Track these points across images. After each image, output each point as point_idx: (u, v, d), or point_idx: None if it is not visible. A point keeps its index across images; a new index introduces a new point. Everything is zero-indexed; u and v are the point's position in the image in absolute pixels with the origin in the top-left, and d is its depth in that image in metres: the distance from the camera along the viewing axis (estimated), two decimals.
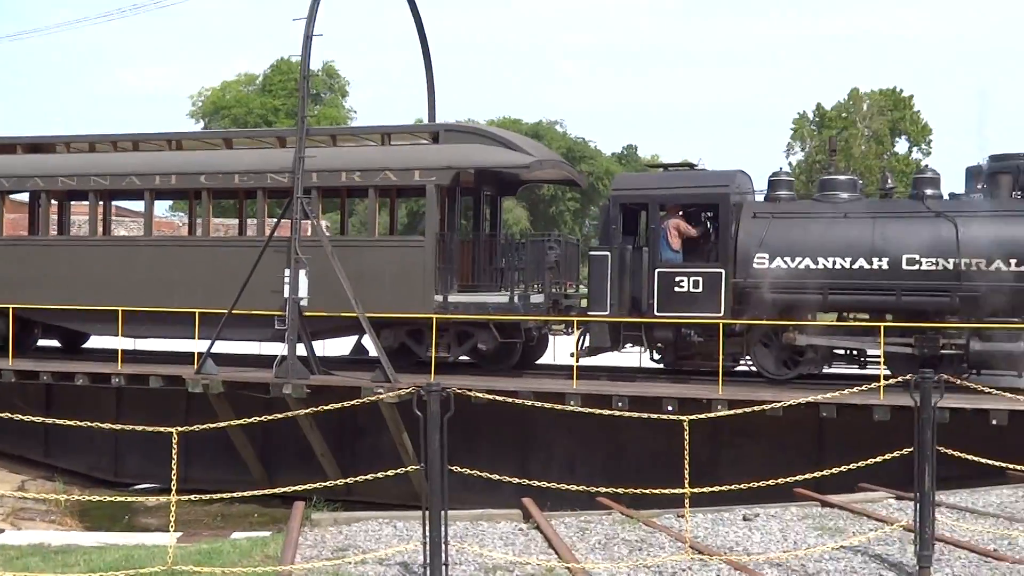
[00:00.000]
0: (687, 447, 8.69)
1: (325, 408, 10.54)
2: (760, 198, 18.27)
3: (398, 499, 16.12)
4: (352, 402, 11.36)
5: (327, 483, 14.38)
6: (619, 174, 31.62)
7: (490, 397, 10.00)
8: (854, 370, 17.90)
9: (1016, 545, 8.97)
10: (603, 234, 18.42)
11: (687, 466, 8.76)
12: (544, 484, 9.32)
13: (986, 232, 16.31)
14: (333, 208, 36.28)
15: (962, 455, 9.38)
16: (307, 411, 12.49)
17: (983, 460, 9.63)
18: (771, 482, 9.51)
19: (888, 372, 16.43)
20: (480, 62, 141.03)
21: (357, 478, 9.93)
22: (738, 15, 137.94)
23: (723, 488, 9.07)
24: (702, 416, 9.72)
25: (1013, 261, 16.13)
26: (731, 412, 10.72)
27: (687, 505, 8.88)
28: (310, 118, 20.48)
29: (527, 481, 9.81)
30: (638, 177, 22.82)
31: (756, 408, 12.04)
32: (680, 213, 17.92)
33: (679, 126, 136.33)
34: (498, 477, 9.14)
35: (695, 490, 8.73)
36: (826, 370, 17.81)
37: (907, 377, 8.53)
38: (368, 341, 18.89)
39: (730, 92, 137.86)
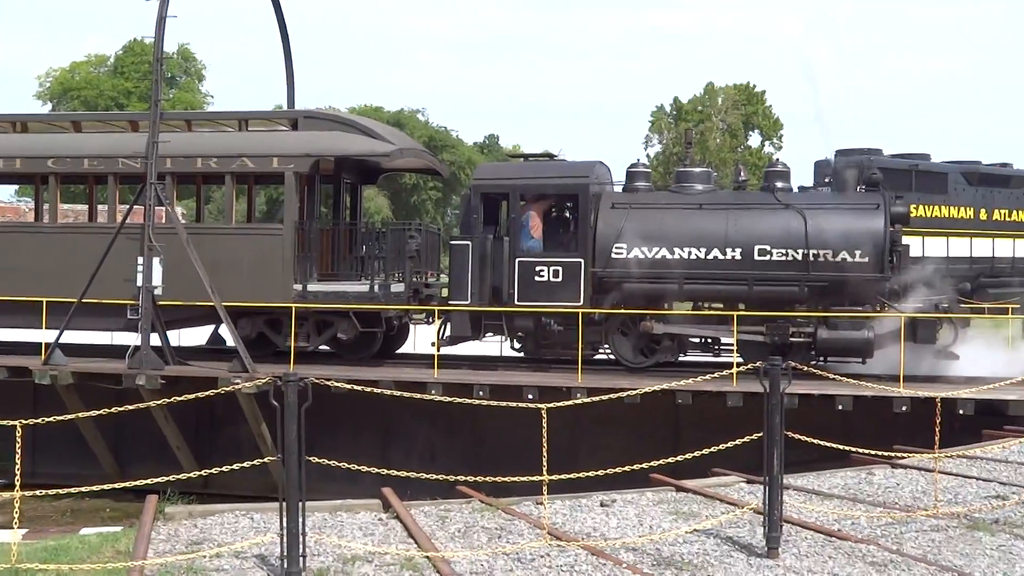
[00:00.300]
0: (545, 435, 8.77)
1: (180, 399, 10.29)
2: (619, 189, 18.57)
3: (257, 491, 15.87)
4: (208, 393, 11.11)
5: (182, 476, 14.02)
6: (480, 164, 31.70)
7: (350, 387, 9.90)
8: (709, 358, 18.35)
9: (859, 525, 9.34)
10: (464, 224, 18.44)
11: (545, 454, 8.85)
12: (405, 474, 9.29)
13: (832, 224, 16.90)
14: (189, 195, 35.43)
15: (809, 439, 9.69)
16: (161, 402, 12.16)
17: (829, 444, 9.96)
18: (628, 468, 9.67)
19: (741, 360, 16.92)
20: (341, 48, 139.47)
21: (213, 470, 9.73)
22: (598, 7, 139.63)
23: (581, 475, 9.19)
24: (561, 404, 9.79)
25: (858, 252, 16.73)
26: (589, 400, 10.87)
27: (545, 492, 8.97)
28: (164, 102, 19.96)
29: (388, 471, 9.75)
30: (499, 167, 22.92)
31: (614, 396, 12.26)
32: (540, 204, 18.06)
33: (541, 117, 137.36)
34: (358, 467, 9.07)
35: (553, 477, 8.83)
36: (682, 358, 18.21)
37: (757, 365, 8.79)
38: (225, 331, 18.53)
39: (591, 84, 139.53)
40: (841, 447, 10.59)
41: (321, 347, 19.10)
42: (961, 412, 15.20)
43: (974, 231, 29.50)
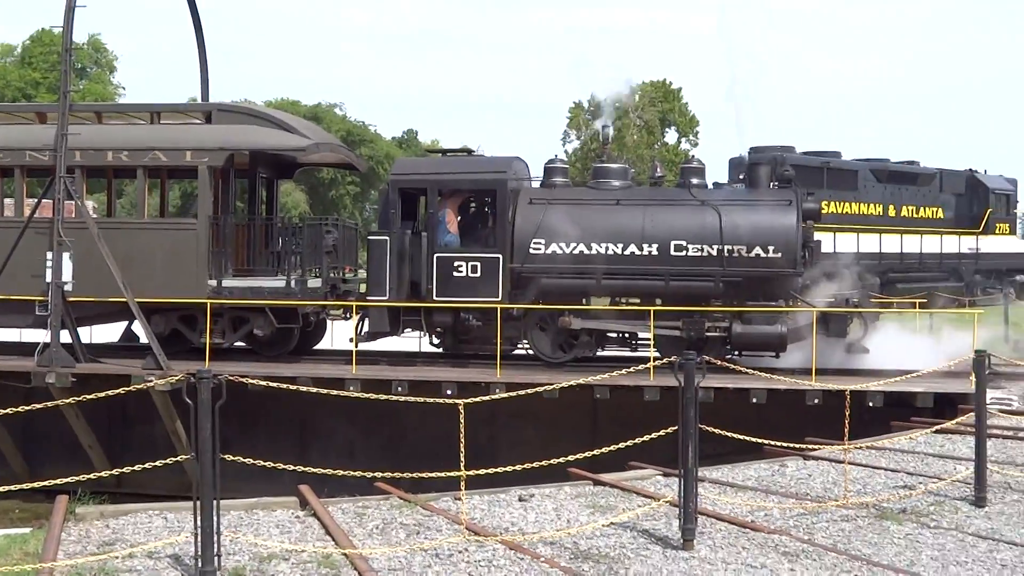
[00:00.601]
0: (463, 430, 8.77)
1: (92, 397, 10.08)
2: (537, 185, 18.63)
3: (172, 490, 15.57)
4: (121, 390, 10.91)
5: (94, 475, 13.75)
6: (398, 159, 31.56)
7: (266, 384, 9.79)
8: (627, 353, 18.52)
9: (772, 516, 9.50)
10: (382, 219, 18.35)
11: (463, 449, 8.85)
12: (323, 471, 9.21)
13: (746, 220, 17.15)
14: (100, 189, 34.73)
15: (724, 432, 9.83)
16: (72, 400, 11.90)
17: (743, 437, 10.11)
18: (546, 463, 9.71)
19: (658, 354, 17.08)
20: (258, 41, 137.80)
21: (126, 469, 9.55)
22: (518, 3, 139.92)
23: (499, 470, 9.21)
24: (478, 400, 9.79)
25: (771, 248, 17.00)
26: (507, 395, 10.89)
27: (463, 488, 8.97)
28: (74, 93, 19.54)
29: (305, 468, 9.67)
30: (417, 162, 22.87)
31: (532, 391, 12.29)
32: (456, 199, 18.04)
33: (459, 112, 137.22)
34: (274, 465, 8.97)
35: (471, 473, 8.83)
36: (600, 353, 18.33)
37: (672, 359, 8.89)
38: (138, 327, 18.22)
39: (510, 80, 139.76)
40: (755, 440, 10.75)
41: (237, 343, 18.86)
42: (871, 404, 15.52)
43: (883, 227, 30.25)
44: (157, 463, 8.59)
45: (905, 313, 20.56)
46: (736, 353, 17.43)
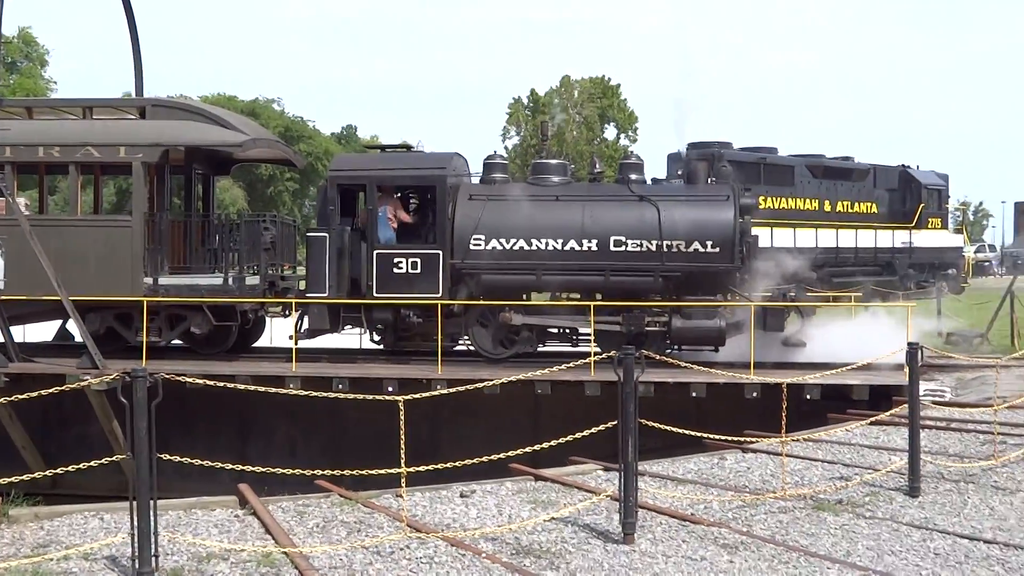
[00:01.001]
0: (403, 427, 8.74)
1: (25, 397, 9.89)
2: (476, 181, 18.61)
3: (110, 490, 15.32)
4: (56, 390, 10.72)
5: (28, 476, 13.52)
6: (337, 155, 31.42)
7: (204, 382, 9.68)
8: (568, 348, 18.56)
9: (711, 508, 9.58)
10: (321, 215, 18.21)
11: (403, 446, 8.82)
12: (262, 469, 9.12)
13: (684, 216, 17.27)
14: (31, 185, 34.11)
15: (664, 426, 9.89)
16: (5, 400, 11.68)
17: (683, 431, 10.18)
18: (488, 458, 9.71)
19: (598, 349, 17.16)
20: (194, 35, 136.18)
21: (60, 470, 9.39)
22: None
23: (439, 466, 9.18)
24: (419, 396, 9.76)
25: (709, 243, 17.15)
26: (448, 391, 10.86)
27: (403, 485, 8.94)
28: (4, 88, 19.13)
29: (245, 467, 9.57)
30: (356, 158, 22.78)
31: (473, 387, 12.27)
32: (396, 196, 17.98)
33: (398, 108, 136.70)
34: (212, 464, 8.87)
35: (411, 469, 8.80)
36: (541, 348, 18.36)
37: (611, 354, 8.93)
38: (73, 326, 17.92)
39: (449, 75, 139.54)
40: (694, 433, 10.84)
41: (174, 342, 18.64)
42: (808, 397, 15.72)
43: (819, 222, 30.64)
44: (93, 463, 8.44)
45: (841, 307, 20.81)
46: (676, 347, 17.54)
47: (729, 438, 11.57)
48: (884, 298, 27.13)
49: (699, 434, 10.80)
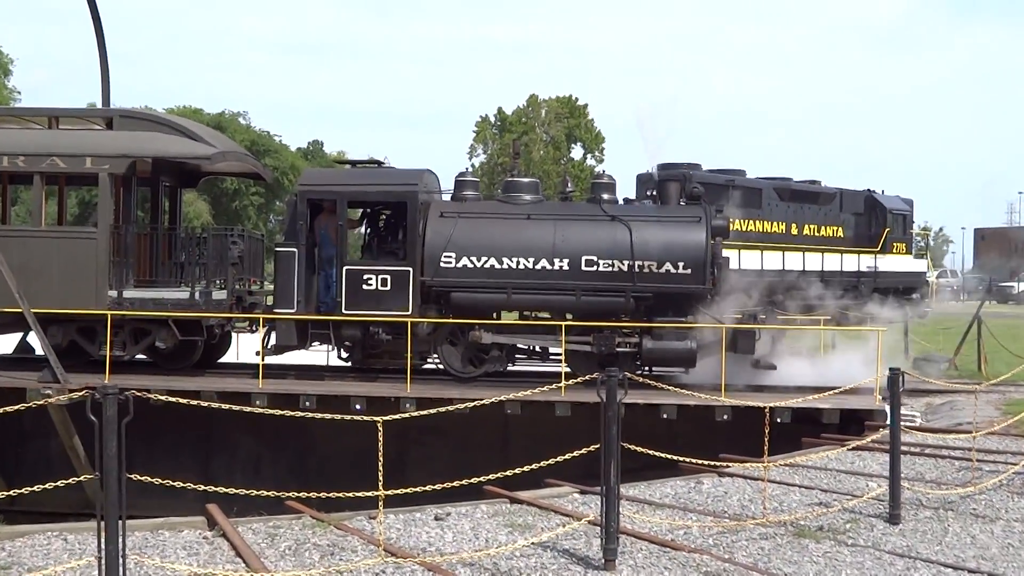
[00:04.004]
0: (380, 448, 8.53)
1: None
2: (447, 198, 18.46)
3: (71, 507, 15.03)
4: (18, 407, 10.40)
5: None
6: (307, 169, 31.14)
7: (169, 399, 9.40)
8: (537, 367, 18.43)
9: (691, 534, 9.44)
10: (290, 230, 17.96)
11: (380, 468, 8.60)
12: (233, 490, 8.88)
13: (656, 236, 17.19)
14: None
15: (642, 449, 9.75)
16: None
17: (660, 454, 10.03)
18: (466, 482, 9.53)
19: (568, 369, 17.04)
20: (160, 47, 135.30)
21: (24, 490, 9.09)
22: (424, 16, 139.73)
23: (417, 489, 8.96)
24: (396, 417, 9.55)
25: (681, 264, 17.07)
26: (426, 412, 10.64)
27: (381, 508, 8.73)
28: None
29: (215, 488, 9.30)
30: (326, 173, 22.54)
31: (444, 409, 12.07)
32: (334, 213, 17.69)
33: (365, 124, 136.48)
34: (183, 485, 8.61)
35: (389, 492, 8.59)
36: (510, 367, 18.20)
37: (594, 376, 8.78)
38: (34, 338, 17.55)
39: (416, 92, 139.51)
40: (672, 457, 10.69)
41: (138, 356, 18.31)
42: (779, 420, 15.64)
43: (786, 245, 30.69)
44: (60, 483, 8.16)
45: (811, 329, 20.82)
46: (646, 369, 17.44)
47: (706, 462, 11.44)
48: (850, 322, 27.17)
49: (676, 458, 10.66)
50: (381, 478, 8.46)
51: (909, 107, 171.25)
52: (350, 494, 8.85)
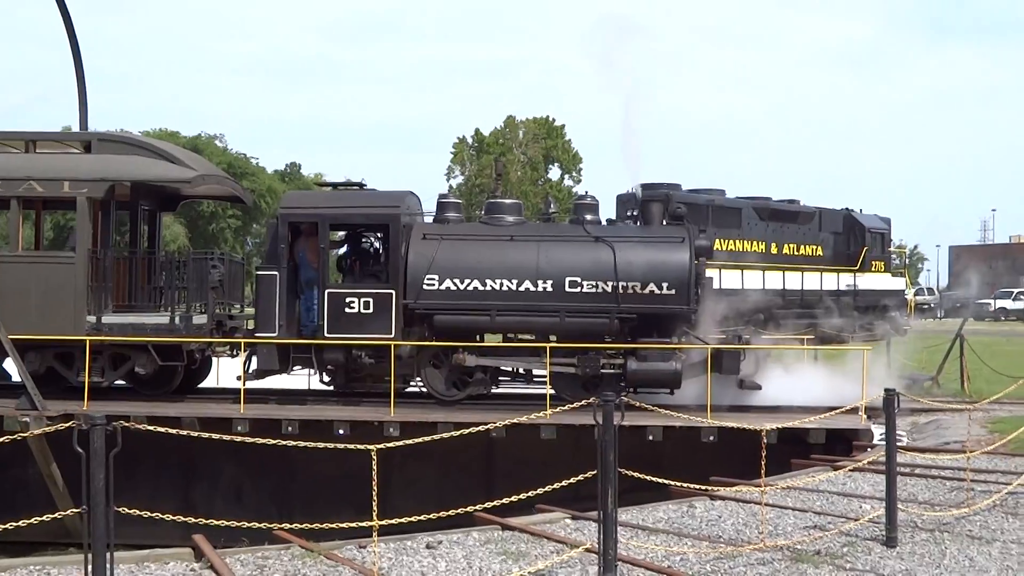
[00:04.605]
0: (374, 477, 8.37)
1: None
2: (429, 219, 18.35)
3: (49, 536, 14.73)
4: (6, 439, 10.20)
5: None
6: (288, 192, 30.96)
7: (147, 428, 9.18)
8: (521, 388, 18.30)
9: (688, 560, 9.30)
10: (271, 253, 17.79)
11: (375, 497, 8.43)
12: (225, 522, 8.68)
13: (640, 257, 17.12)
14: None
15: (636, 474, 9.63)
16: None
17: (656, 479, 9.90)
18: (460, 511, 9.37)
19: (553, 391, 16.92)
20: (135, 70, 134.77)
21: (9, 525, 8.87)
22: (400, 38, 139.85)
23: (413, 519, 8.79)
24: (392, 444, 9.37)
25: (665, 285, 17.00)
26: (414, 440, 10.46)
27: (375, 537, 8.56)
28: None
29: (203, 520, 9.11)
30: (307, 195, 22.45)
31: (436, 437, 11.90)
32: (314, 233, 17.53)
33: (342, 146, 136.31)
34: (171, 517, 8.39)
35: (383, 522, 8.42)
36: (494, 390, 18.05)
37: (589, 401, 8.66)
38: (11, 365, 17.28)
39: (393, 114, 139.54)
40: (655, 479, 10.55)
41: (117, 382, 18.05)
42: (765, 441, 15.51)
43: (766, 264, 30.78)
44: (46, 517, 7.95)
45: (794, 349, 20.79)
46: (631, 390, 17.33)
47: (697, 486, 11.33)
48: (832, 340, 27.22)
49: (668, 481, 10.53)
50: (375, 508, 8.29)
51: (882, 126, 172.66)
52: (345, 525, 8.68)
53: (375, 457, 8.26)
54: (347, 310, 17.02)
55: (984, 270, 73.64)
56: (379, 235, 18.10)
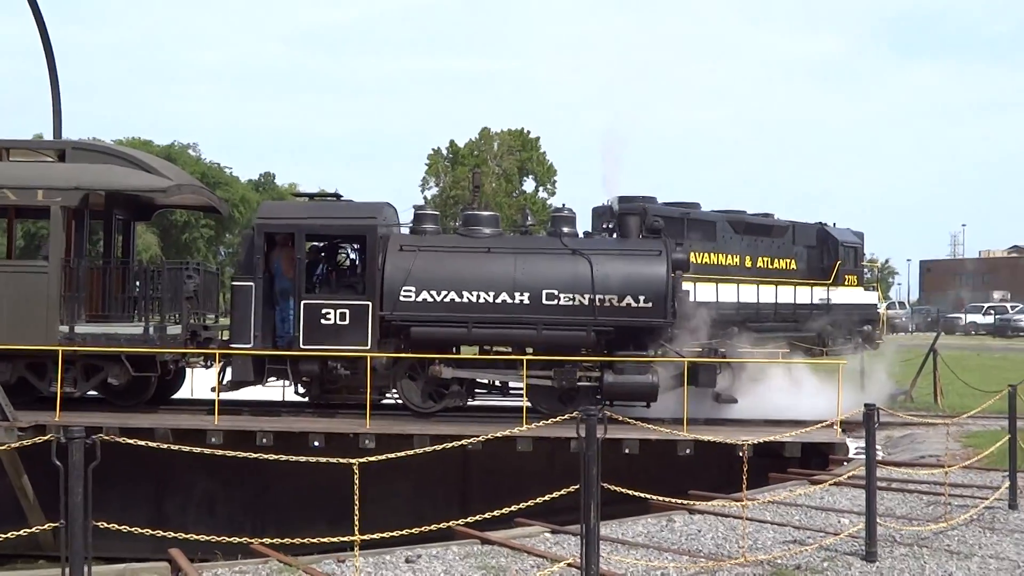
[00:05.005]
0: (356, 492, 8.28)
1: None
2: (406, 231, 18.30)
3: (15, 548, 14.53)
4: None
5: None
6: (265, 202, 30.79)
7: (120, 439, 9.05)
8: (498, 400, 18.25)
9: (668, 575, 9.28)
10: (247, 264, 17.67)
11: (356, 512, 8.35)
12: (207, 538, 8.58)
13: (617, 270, 17.14)
14: None
15: (620, 489, 9.58)
16: None
17: (639, 493, 9.86)
18: (446, 525, 9.30)
19: (530, 404, 16.88)
20: (106, 78, 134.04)
21: None
22: (371, 49, 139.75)
23: (395, 534, 8.72)
24: (378, 458, 9.29)
25: (642, 298, 17.01)
26: (394, 455, 10.38)
27: (357, 552, 8.48)
28: None
29: (184, 534, 9.00)
30: (284, 206, 22.35)
31: (413, 452, 11.84)
32: (290, 244, 17.44)
33: (316, 156, 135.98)
34: (140, 530, 8.27)
35: (364, 537, 8.35)
36: (471, 402, 18.00)
37: (574, 415, 8.62)
38: None
39: (367, 125, 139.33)
40: (639, 493, 10.52)
41: (89, 392, 17.87)
42: (741, 455, 15.51)
43: (741, 278, 30.88)
44: (23, 532, 7.84)
45: (771, 362, 20.84)
46: (608, 403, 17.32)
47: (676, 500, 11.31)
48: (806, 354, 27.31)
49: (648, 495, 10.49)
50: (357, 522, 8.22)
51: (853, 141, 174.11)
52: (326, 540, 8.59)
53: (356, 471, 8.18)
54: (323, 321, 16.93)
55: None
56: (356, 246, 18.04)
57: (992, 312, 62.85)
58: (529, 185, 70.69)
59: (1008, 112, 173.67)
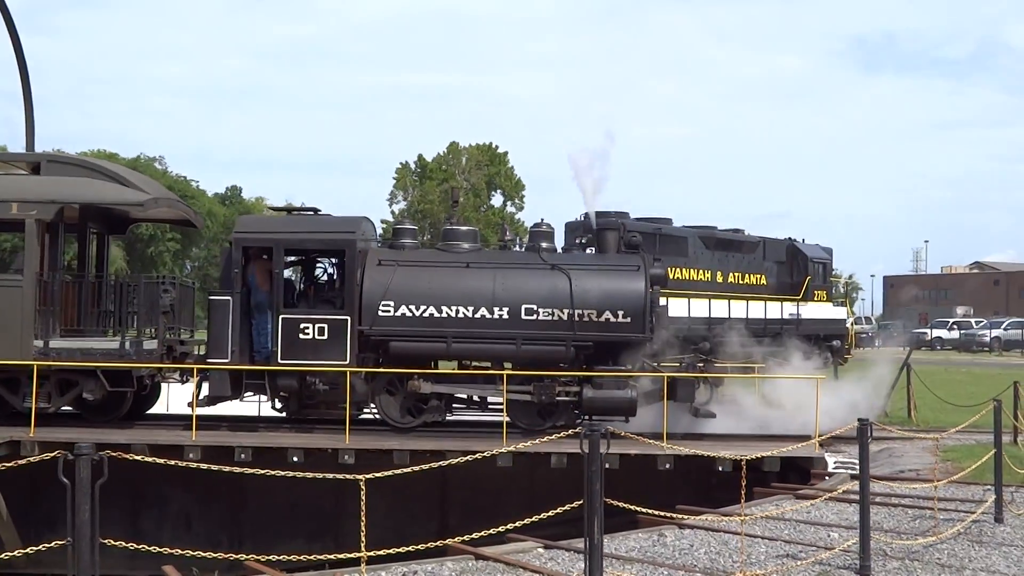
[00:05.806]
0: (363, 508, 8.21)
1: None
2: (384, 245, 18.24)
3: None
4: None
5: None
6: (241, 216, 30.58)
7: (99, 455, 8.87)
8: (476, 417, 18.22)
9: None
10: (224, 278, 17.55)
11: (363, 528, 8.27)
12: (200, 553, 8.45)
13: (596, 285, 17.18)
14: None
15: (622, 503, 9.58)
16: None
17: (628, 506, 9.87)
18: (434, 544, 9.23)
19: (509, 419, 16.85)
20: (71, 91, 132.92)
21: None
22: (338, 64, 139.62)
23: (402, 549, 8.67)
24: (384, 474, 9.21)
25: (620, 313, 17.06)
26: (379, 475, 10.33)
27: (364, 569, 8.41)
28: None
29: (184, 552, 8.86)
30: (262, 220, 22.18)
31: (395, 472, 11.74)
32: (264, 257, 17.36)
33: (283, 170, 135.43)
34: (149, 548, 8.17)
35: (371, 553, 8.29)
36: (449, 417, 17.95)
37: (575, 431, 8.61)
38: None
39: (334, 139, 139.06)
40: (636, 508, 10.53)
41: (64, 408, 17.64)
42: (720, 469, 15.60)
43: (712, 293, 30.99)
44: (30, 550, 7.69)
45: (748, 378, 20.97)
46: (586, 417, 17.33)
47: (664, 514, 11.32)
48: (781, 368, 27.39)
49: (639, 509, 10.49)
50: (364, 539, 8.16)
51: (816, 159, 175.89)
52: (323, 557, 8.52)
53: (363, 487, 8.13)
54: (301, 336, 16.84)
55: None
56: (334, 261, 17.96)
57: (956, 327, 63.56)
58: (497, 200, 70.85)
59: (968, 130, 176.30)
